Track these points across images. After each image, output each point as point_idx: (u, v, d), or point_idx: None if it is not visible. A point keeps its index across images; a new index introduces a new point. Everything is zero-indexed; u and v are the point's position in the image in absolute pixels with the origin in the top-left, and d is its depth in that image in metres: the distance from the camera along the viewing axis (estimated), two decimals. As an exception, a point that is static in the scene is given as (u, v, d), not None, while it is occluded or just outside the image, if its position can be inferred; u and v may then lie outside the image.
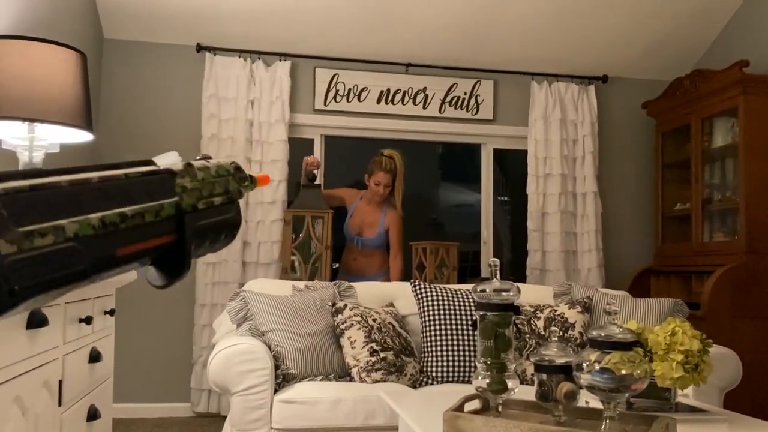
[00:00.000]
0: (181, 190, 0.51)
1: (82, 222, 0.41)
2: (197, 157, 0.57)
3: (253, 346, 2.75)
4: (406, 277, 4.10)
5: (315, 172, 4.22)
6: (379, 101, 4.79)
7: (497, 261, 1.88)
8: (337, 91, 4.74)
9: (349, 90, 4.75)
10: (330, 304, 3.15)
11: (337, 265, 4.40)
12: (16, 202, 0.38)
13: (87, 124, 2.38)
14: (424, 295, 3.32)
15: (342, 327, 3.03)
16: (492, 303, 1.81)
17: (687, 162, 4.65)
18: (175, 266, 0.50)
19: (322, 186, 4.34)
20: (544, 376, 1.75)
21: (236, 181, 0.57)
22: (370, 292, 3.42)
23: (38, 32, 2.69)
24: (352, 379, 2.95)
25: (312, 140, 4.80)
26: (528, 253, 4.89)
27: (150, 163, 0.51)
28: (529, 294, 3.51)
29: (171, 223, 0.49)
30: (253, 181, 0.60)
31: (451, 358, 3.14)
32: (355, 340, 2.98)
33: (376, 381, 2.89)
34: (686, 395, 2.77)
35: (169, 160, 0.53)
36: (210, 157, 0.58)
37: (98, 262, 0.43)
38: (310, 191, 4.15)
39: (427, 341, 3.21)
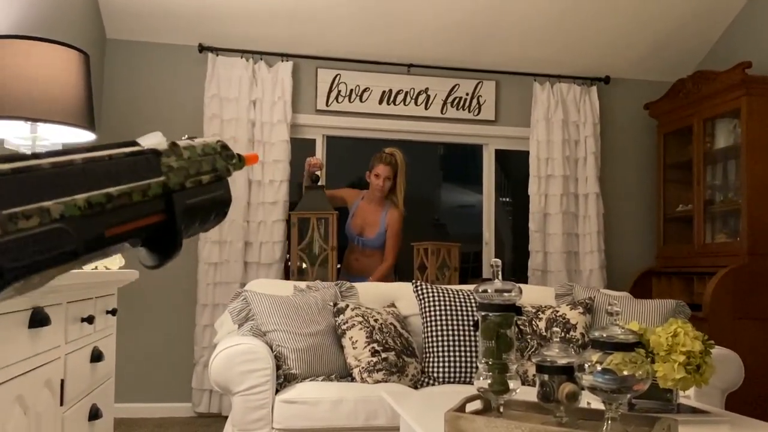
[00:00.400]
0: (167, 169, 0.50)
1: (68, 203, 0.41)
2: (183, 138, 0.57)
3: (254, 346, 2.75)
4: (406, 278, 4.10)
5: (318, 173, 4.22)
6: (380, 102, 4.79)
7: (499, 262, 1.89)
8: (339, 91, 4.74)
9: (351, 90, 4.75)
10: (331, 304, 3.15)
11: (339, 266, 4.40)
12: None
13: (89, 124, 2.38)
14: (425, 295, 3.32)
15: (343, 327, 3.03)
16: (494, 304, 1.81)
17: (689, 163, 4.65)
18: (166, 246, 0.50)
19: (323, 187, 4.34)
20: (546, 377, 1.75)
21: (223, 159, 0.57)
22: (371, 293, 3.42)
23: (41, 32, 2.69)
24: (353, 380, 2.95)
25: (314, 140, 4.80)
26: (530, 254, 4.88)
27: (134, 144, 0.51)
28: (531, 295, 3.51)
29: (159, 203, 0.49)
30: (241, 160, 0.59)
31: (452, 359, 3.14)
32: (356, 341, 2.98)
33: (377, 381, 2.89)
34: (688, 396, 2.77)
35: (153, 140, 0.53)
36: (195, 137, 0.57)
37: (88, 242, 0.42)
38: (313, 192, 4.16)
39: (428, 342, 3.21)
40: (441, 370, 3.13)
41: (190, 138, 0.57)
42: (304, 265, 4.08)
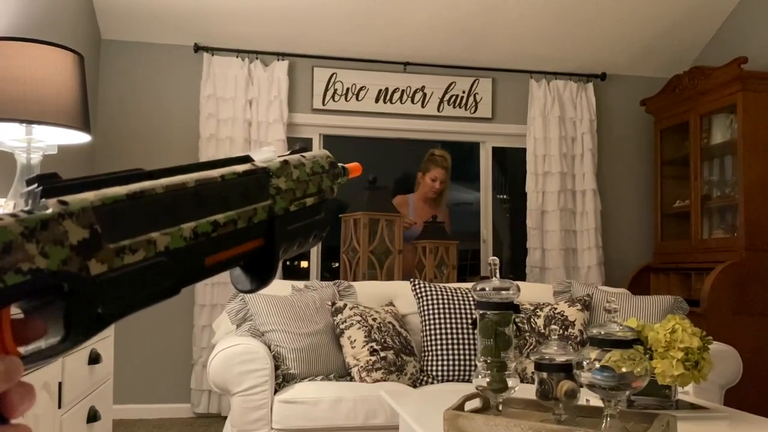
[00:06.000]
0: (275, 192, 0.48)
1: (174, 234, 0.40)
2: (293, 149, 0.54)
3: (252, 346, 2.74)
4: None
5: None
6: (377, 100, 4.79)
7: (497, 259, 1.88)
8: (336, 90, 4.73)
9: (348, 89, 4.74)
10: (329, 303, 3.15)
11: (337, 265, 4.39)
12: (113, 213, 0.37)
13: (85, 126, 2.37)
14: (423, 294, 3.32)
15: (342, 326, 3.03)
16: (492, 302, 1.81)
17: (686, 159, 4.65)
18: (262, 271, 0.48)
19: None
20: (545, 375, 1.75)
21: (330, 178, 0.55)
22: (369, 292, 3.42)
23: (35, 34, 2.68)
24: (352, 379, 2.95)
25: (311, 140, 4.79)
26: (527, 251, 4.89)
27: (247, 159, 0.49)
28: (529, 292, 3.51)
29: (261, 227, 0.47)
30: (346, 173, 0.57)
31: (451, 357, 3.14)
32: (355, 340, 2.98)
33: (376, 380, 2.89)
34: (687, 393, 2.77)
35: (266, 155, 0.51)
36: (306, 149, 0.55)
37: (187, 274, 0.41)
38: (377, 193, 4.10)
39: (427, 340, 3.21)
40: (440, 368, 3.13)
41: (301, 150, 0.54)
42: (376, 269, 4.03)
